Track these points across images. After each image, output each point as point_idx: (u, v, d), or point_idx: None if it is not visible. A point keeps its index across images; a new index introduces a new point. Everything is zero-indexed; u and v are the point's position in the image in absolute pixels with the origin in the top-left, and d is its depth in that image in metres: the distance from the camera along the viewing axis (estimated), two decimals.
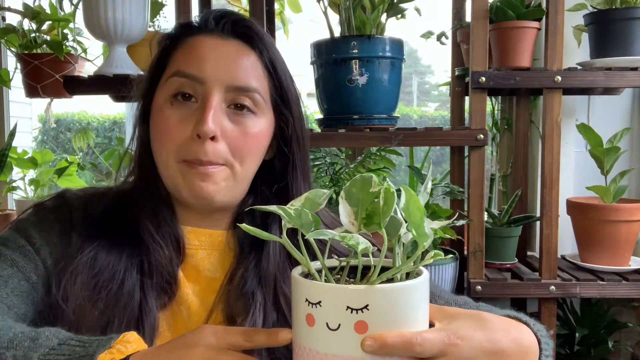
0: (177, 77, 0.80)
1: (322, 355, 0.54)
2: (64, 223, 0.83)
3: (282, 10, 1.97)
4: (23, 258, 0.79)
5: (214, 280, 0.84)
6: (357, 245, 0.53)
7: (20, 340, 0.63)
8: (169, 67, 0.82)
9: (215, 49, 0.80)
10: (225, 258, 0.86)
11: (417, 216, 0.54)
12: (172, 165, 0.80)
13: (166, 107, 0.80)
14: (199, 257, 0.85)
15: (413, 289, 0.55)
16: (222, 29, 0.82)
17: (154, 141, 0.82)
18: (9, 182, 2.00)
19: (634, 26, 1.57)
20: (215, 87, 0.79)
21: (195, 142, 0.78)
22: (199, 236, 0.86)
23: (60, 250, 0.81)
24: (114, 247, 0.81)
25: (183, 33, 0.84)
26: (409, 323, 0.54)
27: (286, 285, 0.82)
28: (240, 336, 0.61)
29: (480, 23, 1.52)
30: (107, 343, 0.61)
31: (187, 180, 0.79)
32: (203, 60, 0.79)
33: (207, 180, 0.79)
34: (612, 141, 1.65)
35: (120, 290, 0.78)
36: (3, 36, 1.75)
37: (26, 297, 0.77)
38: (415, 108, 6.74)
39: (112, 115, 5.80)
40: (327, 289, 0.54)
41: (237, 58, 0.81)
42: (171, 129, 0.79)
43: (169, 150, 0.79)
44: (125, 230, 0.83)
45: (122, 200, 0.87)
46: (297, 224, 0.56)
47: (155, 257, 0.80)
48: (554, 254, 1.57)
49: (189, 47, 0.81)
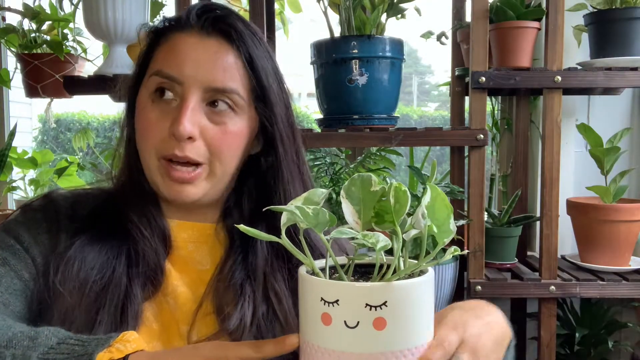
0: (157, 76, 0.80)
1: (338, 354, 0.55)
2: (51, 222, 0.84)
3: (282, 10, 1.97)
4: (13, 257, 0.79)
5: (203, 272, 0.85)
6: (376, 243, 0.54)
7: (19, 339, 0.63)
8: (151, 64, 0.83)
9: (194, 48, 0.80)
10: (215, 250, 0.86)
11: (444, 213, 0.56)
12: (152, 163, 0.81)
13: (148, 104, 0.81)
14: (188, 250, 0.86)
15: (427, 284, 0.57)
16: (203, 26, 0.81)
17: (137, 138, 0.83)
18: (9, 182, 2.00)
19: (634, 26, 1.57)
20: (193, 87, 0.79)
21: (171, 140, 0.79)
22: (187, 229, 0.87)
23: (49, 248, 0.82)
24: (102, 240, 0.82)
25: (166, 29, 0.84)
26: (423, 316, 0.56)
27: (276, 282, 0.83)
28: (250, 349, 0.61)
29: (480, 23, 1.52)
30: (107, 342, 0.61)
31: (166, 182, 0.80)
32: (182, 60, 0.79)
33: (185, 184, 0.80)
34: (612, 141, 1.65)
35: (109, 279, 0.79)
36: (3, 36, 1.75)
37: (20, 295, 0.77)
38: (415, 108, 6.74)
39: (112, 115, 5.79)
40: (346, 287, 0.55)
41: (216, 58, 0.80)
42: (151, 127, 0.80)
43: (149, 147, 0.80)
44: (113, 224, 0.84)
45: (111, 198, 0.88)
46: (313, 223, 0.56)
47: (141, 247, 0.81)
48: (554, 254, 1.57)
49: (169, 46, 0.82)
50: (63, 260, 0.79)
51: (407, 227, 0.58)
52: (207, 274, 0.84)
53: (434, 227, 0.56)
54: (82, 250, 0.80)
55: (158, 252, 0.83)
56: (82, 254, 0.80)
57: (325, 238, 0.57)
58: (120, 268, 0.80)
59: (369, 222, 0.59)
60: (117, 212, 0.85)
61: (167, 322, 0.81)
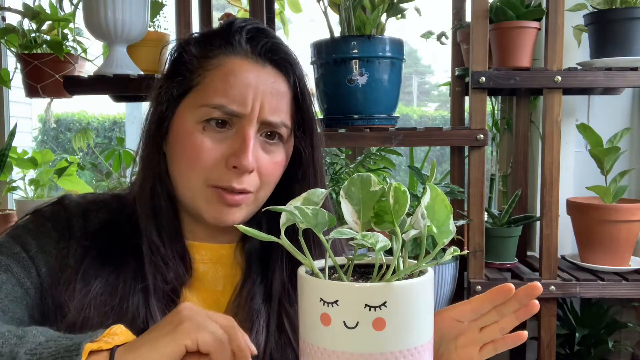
0: (217, 110, 0.78)
1: (338, 354, 0.55)
2: (61, 231, 0.82)
3: (282, 10, 1.97)
4: (17, 264, 0.79)
5: (217, 293, 0.85)
6: (375, 244, 0.54)
7: (7, 337, 0.63)
8: (202, 90, 0.79)
9: (255, 77, 0.79)
10: (231, 272, 0.86)
11: (444, 213, 0.56)
12: (198, 189, 0.79)
13: (197, 130, 0.78)
14: (201, 271, 0.85)
15: (427, 284, 0.57)
16: (259, 53, 0.80)
17: (179, 162, 0.80)
18: (9, 182, 2.00)
19: (634, 26, 1.57)
20: (252, 121, 0.78)
21: (229, 171, 0.78)
22: (200, 250, 0.86)
23: (58, 259, 0.80)
24: (117, 264, 0.80)
25: (218, 44, 0.81)
26: (423, 317, 0.56)
27: (291, 307, 0.83)
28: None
29: (480, 23, 1.52)
30: (95, 335, 0.61)
31: (213, 206, 0.79)
32: (244, 92, 0.78)
33: (234, 208, 0.79)
34: (612, 141, 1.65)
35: (125, 308, 0.77)
36: (3, 36, 1.75)
37: (20, 302, 0.77)
38: (415, 108, 6.73)
39: (112, 115, 5.79)
40: (345, 287, 0.55)
41: (273, 90, 0.80)
42: (203, 155, 0.78)
43: (197, 173, 0.78)
44: (129, 245, 0.81)
45: (124, 211, 0.85)
46: (312, 223, 0.56)
47: (160, 274, 0.80)
48: (554, 254, 1.57)
49: (224, 73, 0.79)
50: (75, 280, 0.78)
51: (407, 228, 0.58)
52: (221, 294, 0.84)
53: (433, 228, 0.56)
54: (96, 270, 0.78)
55: (178, 277, 0.81)
56: (96, 275, 0.78)
57: (324, 238, 0.57)
58: (137, 298, 0.78)
59: (369, 222, 0.59)
60: (134, 230, 0.82)
61: None
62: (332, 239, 0.56)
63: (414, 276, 0.57)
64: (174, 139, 0.81)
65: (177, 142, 0.80)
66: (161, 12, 1.78)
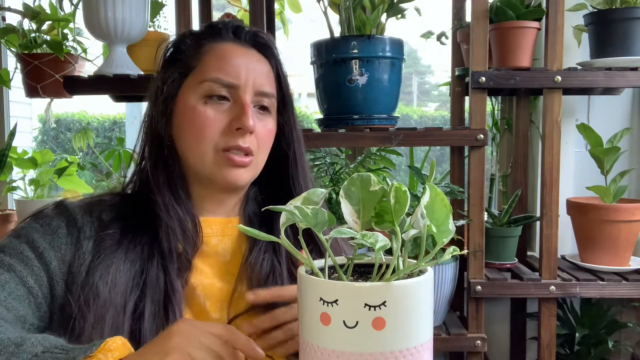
0: (215, 83, 0.89)
1: (338, 354, 0.55)
2: (70, 227, 0.86)
3: (282, 10, 1.97)
4: (20, 264, 0.81)
5: (226, 263, 0.92)
6: (375, 243, 0.54)
7: (5, 345, 0.65)
8: (200, 70, 0.91)
9: (244, 57, 0.92)
10: (238, 242, 0.94)
11: (443, 213, 0.56)
12: (210, 154, 0.88)
13: (200, 104, 0.89)
14: (211, 244, 0.92)
15: (426, 284, 0.57)
16: (244, 39, 0.94)
17: (188, 136, 0.90)
18: (9, 182, 2.00)
19: (634, 26, 1.57)
20: (247, 91, 0.90)
21: (234, 133, 0.88)
22: (210, 224, 0.93)
23: (69, 253, 0.84)
24: (131, 243, 0.86)
25: (209, 35, 0.94)
26: (422, 316, 0.56)
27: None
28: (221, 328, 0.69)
29: (480, 23, 1.52)
30: (89, 350, 0.63)
31: (223, 169, 0.89)
32: (237, 68, 0.90)
33: (241, 169, 0.90)
34: (612, 141, 1.65)
35: (146, 280, 0.83)
36: (3, 36, 1.75)
37: (23, 301, 0.79)
38: (415, 108, 6.73)
39: (112, 115, 5.79)
40: (345, 287, 0.55)
41: (260, 66, 0.93)
42: (209, 124, 0.88)
43: (207, 141, 0.88)
44: (140, 224, 0.88)
45: (125, 202, 0.92)
46: (312, 223, 0.57)
47: (174, 243, 0.86)
48: (554, 254, 1.57)
49: (219, 54, 0.91)
50: (96, 267, 0.82)
51: (407, 227, 0.58)
52: (231, 264, 0.92)
53: (433, 227, 0.56)
54: (112, 256, 0.83)
55: (189, 246, 0.88)
56: (113, 261, 0.83)
57: (324, 238, 0.57)
58: (154, 268, 0.84)
59: (369, 222, 0.59)
60: (143, 210, 0.89)
61: (197, 313, 0.87)
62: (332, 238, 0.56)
63: (414, 276, 0.57)
64: (180, 117, 0.91)
65: (184, 118, 0.90)
66: (161, 12, 1.78)
